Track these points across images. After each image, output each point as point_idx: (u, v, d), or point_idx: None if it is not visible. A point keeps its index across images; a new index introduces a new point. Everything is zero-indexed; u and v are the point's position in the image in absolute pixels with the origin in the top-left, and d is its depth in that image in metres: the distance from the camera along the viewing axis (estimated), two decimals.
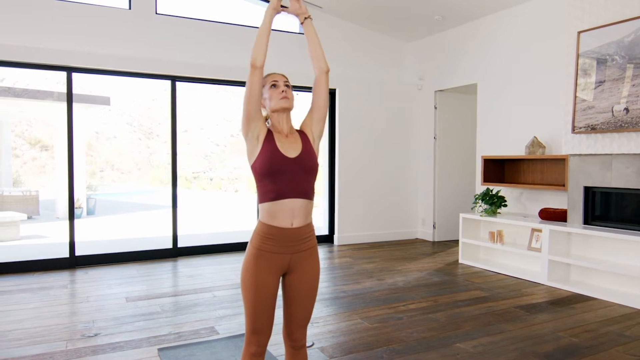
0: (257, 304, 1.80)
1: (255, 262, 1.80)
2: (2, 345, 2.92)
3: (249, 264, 1.81)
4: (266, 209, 1.81)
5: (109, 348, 2.89)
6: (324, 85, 1.95)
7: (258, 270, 1.79)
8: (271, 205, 1.79)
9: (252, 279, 1.79)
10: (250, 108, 1.81)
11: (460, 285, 4.39)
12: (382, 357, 2.79)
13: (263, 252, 1.80)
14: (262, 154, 1.80)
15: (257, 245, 1.81)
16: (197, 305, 3.75)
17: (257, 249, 1.80)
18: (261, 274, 1.79)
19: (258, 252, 1.80)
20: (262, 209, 1.83)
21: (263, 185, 1.81)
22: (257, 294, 1.79)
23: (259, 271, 1.79)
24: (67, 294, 4.02)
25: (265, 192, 1.81)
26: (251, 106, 1.81)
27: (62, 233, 7.81)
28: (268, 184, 1.79)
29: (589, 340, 3.06)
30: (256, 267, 1.79)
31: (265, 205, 1.81)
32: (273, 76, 1.92)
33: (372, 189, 6.65)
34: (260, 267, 1.79)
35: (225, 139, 26.89)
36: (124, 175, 24.99)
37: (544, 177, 4.98)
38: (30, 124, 22.17)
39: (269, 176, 1.79)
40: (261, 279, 1.79)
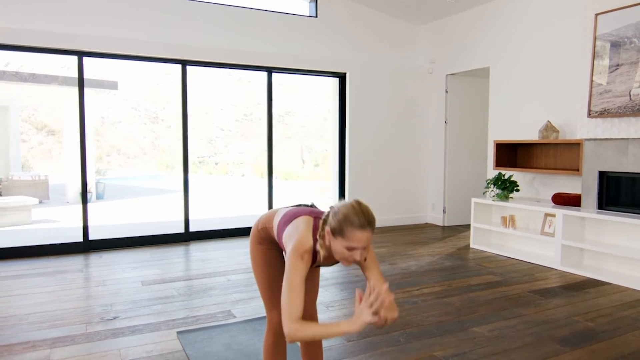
0: (269, 278, 1.94)
1: (259, 246, 1.97)
2: (24, 328, 2.96)
3: (254, 247, 1.99)
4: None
5: (128, 331, 2.93)
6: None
7: (264, 249, 1.96)
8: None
9: (260, 257, 1.96)
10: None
11: (473, 270, 4.40)
12: (400, 341, 2.81)
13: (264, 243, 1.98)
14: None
15: (259, 241, 1.98)
16: (212, 289, 3.78)
17: (260, 244, 1.98)
18: (267, 251, 1.96)
19: (261, 241, 1.98)
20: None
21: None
22: (267, 269, 1.95)
23: (265, 249, 1.96)
24: (83, 278, 4.06)
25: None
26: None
27: (73, 217, 7.87)
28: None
29: (604, 325, 3.06)
30: (261, 247, 1.97)
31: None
32: (356, 237, 1.53)
33: (382, 174, 6.63)
34: (265, 246, 1.96)
35: (230, 123, 26.82)
36: (130, 160, 25.06)
37: (558, 161, 4.95)
38: (37, 108, 22.19)
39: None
40: (267, 256, 1.96)
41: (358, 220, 1.54)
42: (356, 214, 1.54)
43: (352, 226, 1.53)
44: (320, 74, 6.27)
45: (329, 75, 6.36)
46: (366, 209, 1.58)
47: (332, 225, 1.58)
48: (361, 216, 1.54)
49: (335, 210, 1.60)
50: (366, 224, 1.54)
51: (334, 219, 1.58)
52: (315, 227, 1.67)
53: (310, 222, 1.69)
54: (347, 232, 1.54)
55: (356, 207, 1.57)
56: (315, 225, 1.68)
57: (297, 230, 1.66)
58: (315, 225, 1.68)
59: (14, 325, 3.00)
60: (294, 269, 1.55)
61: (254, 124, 26.19)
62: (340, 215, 1.56)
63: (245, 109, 26.42)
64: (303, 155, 23.47)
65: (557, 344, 2.77)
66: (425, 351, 2.67)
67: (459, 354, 2.63)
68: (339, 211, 1.58)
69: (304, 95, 26.14)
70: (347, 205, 1.58)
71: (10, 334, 2.86)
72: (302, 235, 1.63)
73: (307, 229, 1.66)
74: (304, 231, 1.64)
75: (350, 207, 1.56)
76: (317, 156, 22.95)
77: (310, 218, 1.72)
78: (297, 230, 1.66)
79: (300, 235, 1.63)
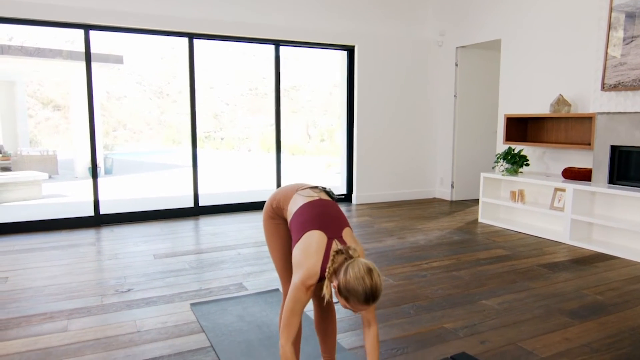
0: (284, 252, 1.96)
1: (272, 221, 1.97)
2: (41, 300, 3.02)
3: (267, 222, 1.98)
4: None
5: (142, 303, 2.98)
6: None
7: (277, 223, 1.96)
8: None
9: (274, 231, 1.96)
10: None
11: (482, 244, 4.42)
12: (410, 313, 2.84)
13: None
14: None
15: (271, 216, 1.98)
16: (223, 262, 3.82)
17: (272, 219, 1.98)
18: (280, 225, 1.96)
19: (274, 216, 1.97)
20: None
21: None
22: (281, 243, 1.96)
23: (278, 223, 1.96)
24: (96, 251, 4.12)
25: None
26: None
27: (83, 192, 7.93)
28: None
29: (613, 298, 3.08)
30: (274, 221, 1.96)
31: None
32: (357, 307, 1.59)
33: (390, 148, 6.60)
34: (278, 221, 1.96)
35: (235, 97, 26.66)
36: (136, 135, 25.10)
37: (569, 136, 4.90)
38: (42, 83, 22.15)
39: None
40: (281, 230, 1.96)
41: (364, 297, 1.54)
42: (364, 291, 1.53)
43: (357, 300, 1.54)
44: (329, 47, 6.18)
45: (337, 48, 6.27)
46: (375, 285, 1.54)
47: (339, 285, 1.57)
48: (368, 293, 1.53)
49: (347, 273, 1.55)
50: (371, 300, 1.55)
51: (343, 280, 1.55)
52: (326, 257, 1.64)
53: (322, 250, 1.65)
54: (350, 300, 1.56)
55: (367, 282, 1.53)
56: (326, 254, 1.64)
57: (307, 259, 1.63)
58: (327, 252, 1.65)
59: (31, 297, 3.07)
60: (297, 300, 1.61)
61: (259, 99, 26.03)
62: (349, 285, 1.53)
63: (250, 83, 26.21)
64: (309, 130, 23.38)
65: (566, 316, 2.80)
66: (435, 323, 2.71)
67: (469, 326, 2.67)
68: (348, 278, 1.53)
69: (309, 69, 25.87)
70: (357, 277, 1.53)
71: (28, 306, 2.92)
72: (311, 269, 1.61)
73: (318, 257, 1.63)
74: (314, 264, 1.62)
75: (361, 281, 1.52)
76: (323, 131, 22.86)
77: (325, 238, 1.67)
78: (307, 259, 1.63)
79: (309, 268, 1.61)
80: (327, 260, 1.63)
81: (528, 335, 2.56)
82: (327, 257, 1.64)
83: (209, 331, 2.58)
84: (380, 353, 2.35)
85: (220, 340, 2.48)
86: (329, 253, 1.64)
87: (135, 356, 2.31)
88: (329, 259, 1.63)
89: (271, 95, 5.89)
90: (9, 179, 7.11)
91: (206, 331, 2.58)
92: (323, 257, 1.64)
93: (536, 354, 2.35)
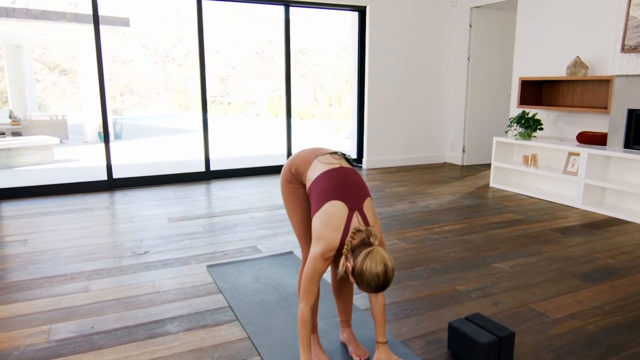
0: (303, 216, 1.93)
1: (290, 185, 1.93)
2: (60, 261, 3.09)
3: (285, 186, 1.94)
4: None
5: (160, 264, 3.04)
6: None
7: (295, 187, 1.92)
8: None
9: (293, 196, 1.93)
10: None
11: (493, 208, 4.43)
12: (422, 275, 2.88)
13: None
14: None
15: (290, 180, 1.94)
16: (237, 225, 3.87)
17: (291, 183, 1.94)
18: (299, 189, 1.92)
19: (292, 180, 1.93)
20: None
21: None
22: (300, 207, 1.93)
23: (296, 187, 1.92)
24: (110, 215, 4.17)
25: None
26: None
27: (94, 156, 7.98)
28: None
29: (625, 262, 3.10)
30: (292, 185, 1.92)
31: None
32: (366, 292, 1.71)
33: (401, 112, 6.54)
34: (297, 185, 1.92)
35: (242, 61, 26.32)
36: (144, 100, 25.01)
37: (584, 99, 4.81)
38: (48, 47, 21.95)
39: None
40: (300, 194, 1.92)
41: (374, 289, 1.57)
42: (375, 285, 1.56)
43: (367, 288, 1.58)
44: (340, 7, 6.03)
45: (348, 9, 6.12)
46: (387, 281, 1.56)
47: (354, 267, 1.58)
48: (379, 286, 1.56)
49: (363, 262, 1.55)
50: (379, 289, 1.58)
51: (358, 265, 1.56)
52: (346, 230, 1.64)
53: (343, 222, 1.65)
54: (361, 285, 1.59)
55: (380, 278, 1.55)
56: (347, 226, 1.64)
57: (328, 232, 1.64)
58: (347, 225, 1.65)
59: (51, 259, 3.14)
60: (316, 270, 1.65)
61: (266, 62, 25.68)
62: (363, 275, 1.55)
63: (257, 46, 25.81)
64: (316, 95, 23.15)
65: (578, 279, 2.83)
66: (447, 285, 2.75)
67: (481, 288, 2.70)
68: (364, 266, 1.55)
69: (317, 31, 25.36)
70: (372, 271, 1.54)
71: (49, 267, 2.99)
72: (331, 242, 1.63)
73: (338, 232, 1.64)
74: (334, 238, 1.63)
75: (375, 276, 1.54)
76: (330, 95, 22.62)
77: (345, 210, 1.66)
78: (328, 232, 1.64)
79: (329, 242, 1.63)
80: (347, 233, 1.64)
81: (540, 297, 2.59)
82: (347, 230, 1.65)
83: (226, 292, 2.64)
84: (394, 314, 2.40)
85: (237, 301, 2.53)
86: (349, 226, 1.65)
87: (155, 315, 2.37)
88: (348, 232, 1.64)
89: (278, 59, 5.84)
90: (21, 143, 7.16)
91: (223, 292, 2.64)
92: (343, 231, 1.65)
93: (548, 315, 2.38)
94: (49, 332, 2.21)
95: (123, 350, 2.06)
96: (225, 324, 2.30)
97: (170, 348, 2.08)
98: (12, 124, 10.01)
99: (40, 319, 2.34)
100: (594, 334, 2.20)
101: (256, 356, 2.02)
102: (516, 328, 2.26)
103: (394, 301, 2.53)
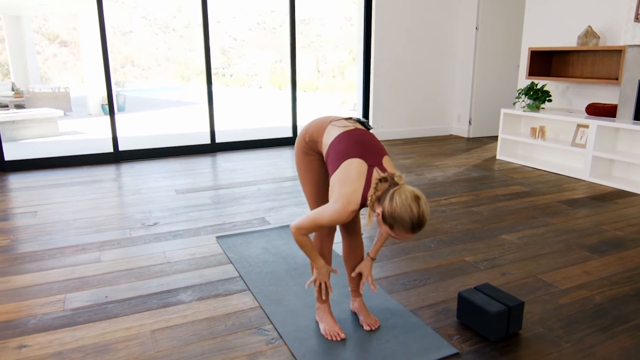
0: (318, 188, 1.91)
1: (306, 157, 1.90)
2: (71, 232, 3.12)
3: (300, 157, 1.91)
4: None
5: (169, 236, 3.07)
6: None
7: (311, 159, 1.89)
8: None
9: (308, 167, 1.90)
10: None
11: (500, 180, 4.42)
12: (430, 247, 2.90)
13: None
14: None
15: (305, 151, 1.91)
16: (245, 197, 3.88)
17: (306, 155, 1.90)
18: (314, 161, 1.89)
19: (308, 151, 1.90)
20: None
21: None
22: (315, 179, 1.90)
23: (312, 160, 1.89)
24: (118, 187, 4.19)
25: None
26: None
27: (98, 129, 7.96)
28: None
29: (633, 234, 3.11)
30: (308, 157, 1.89)
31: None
32: (402, 235, 1.55)
33: (408, 84, 6.46)
34: (312, 157, 1.89)
35: (244, 32, 25.92)
36: (145, 72, 24.77)
37: (595, 70, 4.74)
38: (47, 19, 21.63)
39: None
40: (315, 166, 1.90)
41: (410, 225, 1.51)
42: (411, 219, 1.50)
43: (403, 227, 1.52)
44: None
45: None
46: (422, 213, 1.51)
47: (383, 212, 1.54)
48: (415, 221, 1.51)
49: (393, 200, 1.51)
50: (417, 228, 1.52)
51: (388, 207, 1.51)
52: (367, 184, 1.60)
53: (362, 177, 1.61)
54: (395, 228, 1.53)
55: (414, 210, 1.50)
56: (367, 181, 1.61)
57: (348, 188, 1.59)
58: (367, 179, 1.61)
59: (62, 230, 3.16)
60: (334, 220, 1.61)
61: (267, 33, 25.28)
62: (395, 213, 1.50)
63: (258, 17, 25.36)
64: (319, 66, 22.87)
65: (585, 251, 2.84)
66: (455, 256, 2.77)
67: (489, 259, 2.72)
68: (395, 205, 1.50)
69: (319, 2, 24.84)
70: (404, 204, 1.49)
71: (60, 238, 3.02)
72: (352, 195, 1.59)
73: (359, 187, 1.60)
74: (354, 190, 1.59)
75: (408, 208, 1.49)
76: (333, 67, 22.35)
77: (365, 166, 1.62)
78: (348, 188, 1.59)
79: (350, 194, 1.59)
80: (369, 187, 1.60)
81: (548, 268, 2.61)
82: (369, 184, 1.61)
83: (236, 262, 2.67)
84: (403, 284, 2.42)
85: (247, 271, 2.56)
86: (370, 181, 1.61)
87: (168, 285, 2.41)
88: (370, 187, 1.60)
89: (279, 30, 5.74)
90: (25, 116, 7.13)
91: (233, 262, 2.67)
92: (364, 185, 1.61)
93: (556, 285, 2.41)
94: (64, 301, 2.25)
95: (138, 318, 2.10)
96: (236, 293, 2.33)
97: (184, 316, 2.12)
98: (14, 96, 9.95)
99: (55, 288, 2.37)
100: (601, 304, 2.23)
101: (268, 324, 2.06)
102: (524, 298, 2.28)
103: (402, 272, 2.56)
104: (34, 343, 1.92)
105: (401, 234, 1.55)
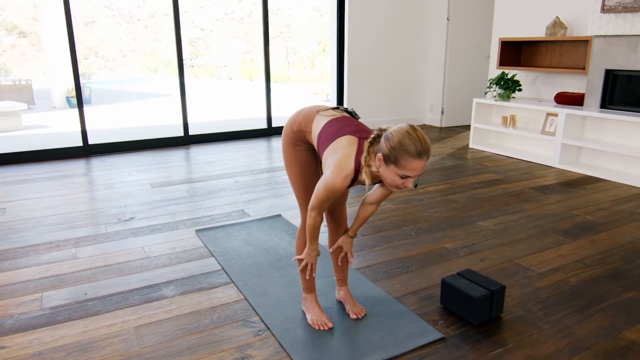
0: (305, 179, 1.89)
1: (293, 148, 1.88)
2: (44, 229, 3.02)
3: (288, 148, 1.88)
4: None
5: (147, 230, 3.01)
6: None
7: (299, 150, 1.86)
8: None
9: (295, 158, 1.87)
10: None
11: (474, 169, 4.51)
12: (411, 235, 2.94)
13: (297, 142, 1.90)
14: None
15: (293, 142, 1.88)
16: (222, 190, 3.84)
17: (294, 145, 1.88)
18: (302, 152, 1.87)
19: (296, 142, 1.87)
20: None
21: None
22: (303, 170, 1.88)
23: (300, 150, 1.87)
24: (90, 182, 4.07)
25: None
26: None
27: (64, 122, 7.70)
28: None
29: (603, 218, 3.23)
30: (296, 148, 1.87)
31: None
32: (411, 166, 1.49)
33: (381, 74, 6.49)
34: (301, 147, 1.87)
35: (211, 23, 25.45)
36: (110, 63, 24.04)
37: (563, 60, 4.87)
38: (3, 7, 20.70)
39: None
40: (303, 156, 1.87)
41: (415, 148, 1.47)
42: (412, 142, 1.47)
43: (408, 154, 1.47)
44: None
45: None
46: (422, 135, 1.50)
47: (384, 152, 1.52)
48: (418, 143, 1.47)
49: (388, 135, 1.52)
50: (423, 152, 1.48)
51: (387, 144, 1.51)
52: (359, 150, 1.61)
53: (354, 145, 1.62)
54: (401, 160, 1.49)
55: (412, 133, 1.49)
56: (359, 148, 1.61)
57: (339, 153, 1.60)
58: (359, 147, 1.61)
59: (34, 227, 3.06)
60: (326, 187, 1.59)
61: (235, 23, 24.91)
62: (395, 142, 1.49)
63: (226, 6, 24.94)
64: (289, 57, 22.71)
65: (559, 235, 2.94)
66: (435, 243, 2.82)
67: (468, 246, 2.78)
68: (392, 137, 1.50)
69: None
70: (401, 131, 1.50)
71: (33, 235, 2.92)
72: (343, 162, 1.58)
73: (350, 152, 1.60)
74: (346, 156, 1.59)
75: (405, 133, 1.49)
76: (303, 58, 22.24)
77: (355, 138, 1.63)
78: (339, 153, 1.60)
79: (341, 161, 1.58)
80: (361, 153, 1.60)
81: (524, 253, 2.69)
82: (360, 150, 1.61)
83: (218, 255, 2.64)
84: (386, 272, 2.45)
85: (230, 264, 2.54)
86: (361, 147, 1.61)
87: (149, 280, 2.37)
88: (362, 152, 1.60)
89: (247, 20, 5.66)
90: None
91: (215, 255, 2.64)
92: (356, 150, 1.61)
93: (533, 269, 2.48)
94: (41, 299, 2.18)
95: (120, 315, 2.06)
96: (220, 286, 2.31)
97: (169, 311, 2.09)
98: None
99: (30, 287, 2.30)
100: (576, 285, 2.31)
101: (255, 316, 2.05)
102: (504, 282, 2.35)
103: (385, 260, 2.59)
104: (12, 344, 1.86)
105: (409, 165, 1.49)
